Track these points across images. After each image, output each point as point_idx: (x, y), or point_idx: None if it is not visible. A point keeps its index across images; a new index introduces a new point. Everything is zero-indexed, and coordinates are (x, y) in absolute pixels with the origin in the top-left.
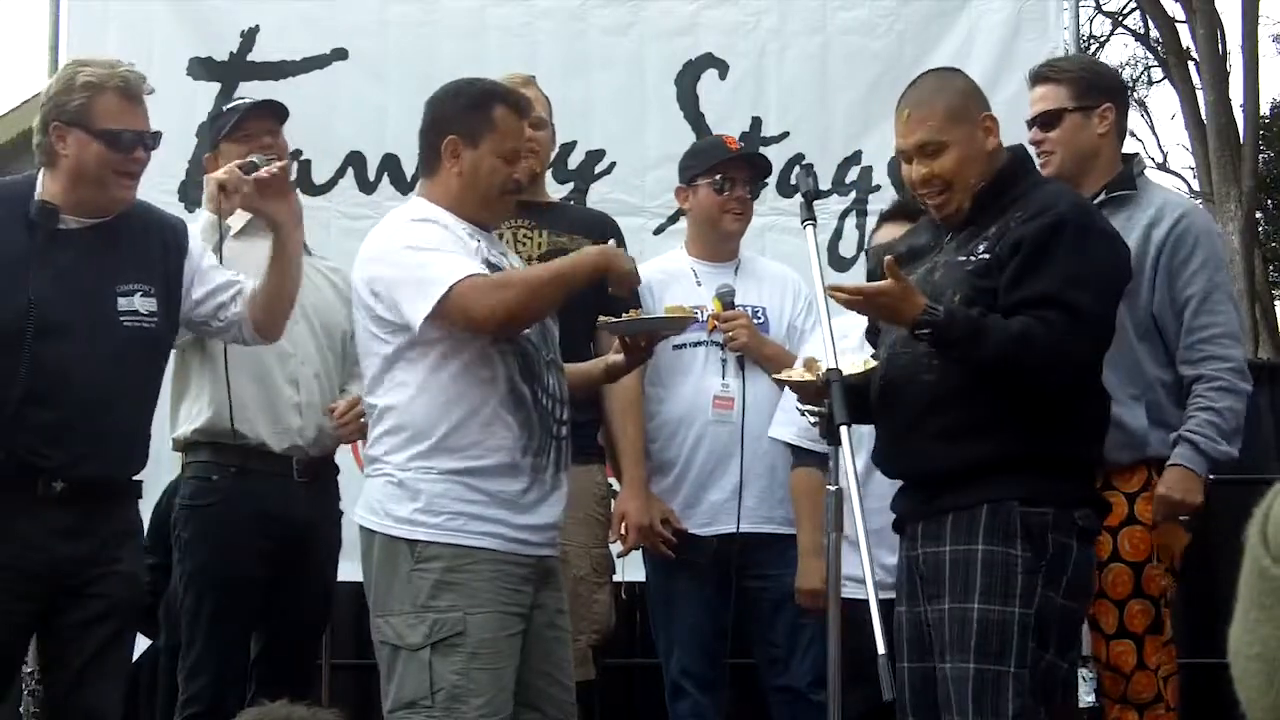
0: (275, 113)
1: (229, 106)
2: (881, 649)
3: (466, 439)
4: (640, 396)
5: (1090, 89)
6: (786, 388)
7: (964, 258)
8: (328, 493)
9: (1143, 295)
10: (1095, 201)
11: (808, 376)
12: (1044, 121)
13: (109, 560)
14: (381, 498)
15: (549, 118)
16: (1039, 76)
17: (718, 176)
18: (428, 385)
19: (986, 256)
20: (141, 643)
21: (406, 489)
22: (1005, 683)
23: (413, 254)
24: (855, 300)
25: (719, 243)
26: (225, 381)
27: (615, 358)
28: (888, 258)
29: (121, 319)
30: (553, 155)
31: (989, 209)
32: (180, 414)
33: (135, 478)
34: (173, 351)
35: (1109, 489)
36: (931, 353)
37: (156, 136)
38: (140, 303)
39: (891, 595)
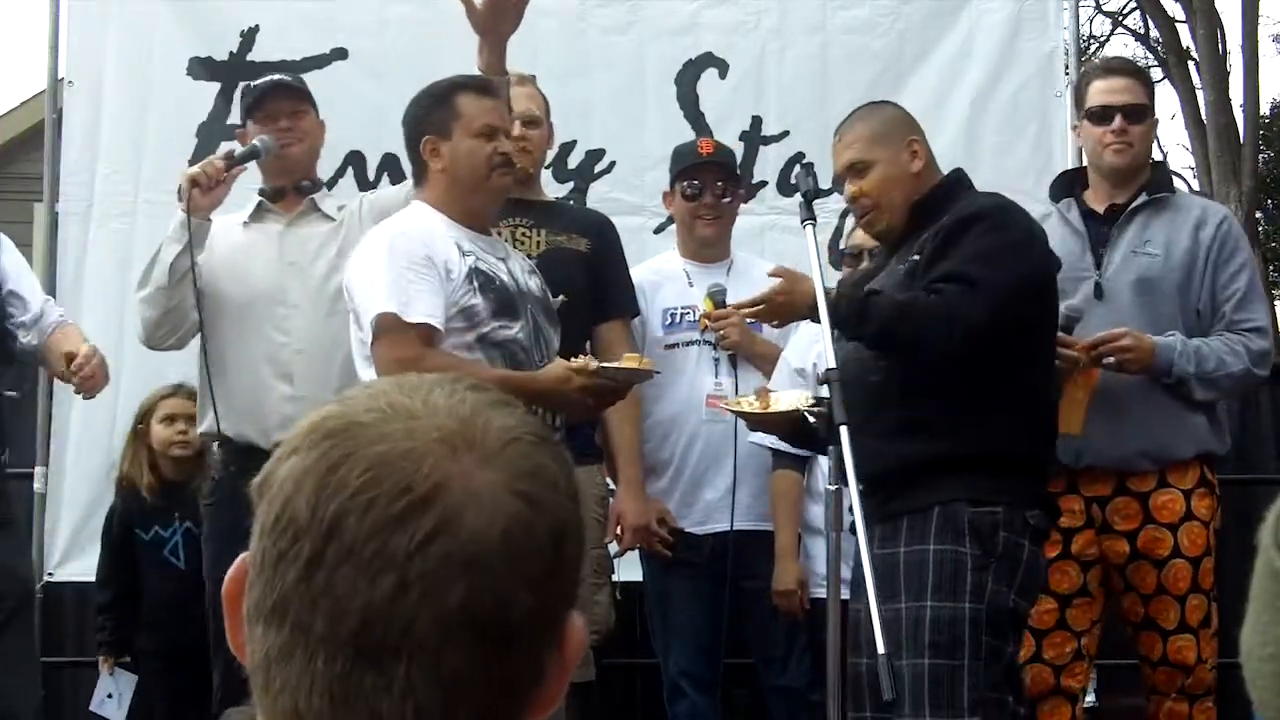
0: (297, 92)
1: (252, 84)
2: (881, 648)
3: None
4: (636, 397)
5: (1153, 99)
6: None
7: (901, 265)
8: None
9: (1193, 291)
10: (1137, 203)
11: (756, 407)
12: (1132, 113)
13: None
14: None
15: (547, 117)
16: (1121, 69)
17: (692, 181)
18: None
19: (916, 257)
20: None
21: None
22: (960, 676)
23: (378, 261)
24: (758, 310)
25: (699, 247)
26: (209, 381)
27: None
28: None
29: None
30: (552, 155)
31: (925, 222)
32: None
33: None
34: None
35: (1165, 486)
36: (878, 354)
37: None
38: None
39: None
